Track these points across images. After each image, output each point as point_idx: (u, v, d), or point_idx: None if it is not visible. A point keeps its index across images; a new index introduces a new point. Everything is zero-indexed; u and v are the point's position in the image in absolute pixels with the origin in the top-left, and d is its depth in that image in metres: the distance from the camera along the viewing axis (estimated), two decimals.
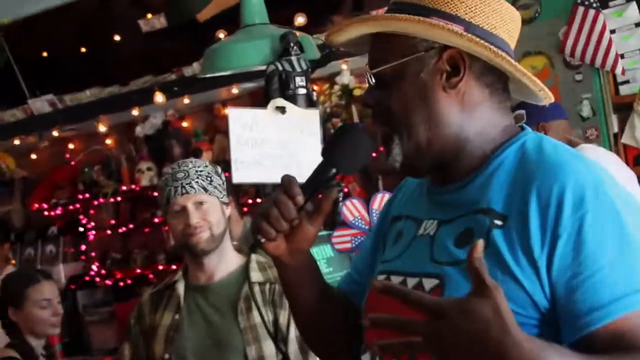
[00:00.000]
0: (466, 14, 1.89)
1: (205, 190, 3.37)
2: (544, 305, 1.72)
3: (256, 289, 3.39)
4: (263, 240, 1.93)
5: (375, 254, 2.14)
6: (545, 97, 1.99)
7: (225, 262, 3.49)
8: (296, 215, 1.92)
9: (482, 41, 1.86)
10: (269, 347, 3.33)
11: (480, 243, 1.51)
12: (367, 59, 2.01)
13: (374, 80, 1.94)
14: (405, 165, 1.93)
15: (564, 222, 1.71)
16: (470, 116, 1.91)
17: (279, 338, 3.34)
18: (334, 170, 1.95)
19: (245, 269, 3.43)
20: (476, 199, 1.86)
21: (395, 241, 2.05)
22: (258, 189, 6.82)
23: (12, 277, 4.51)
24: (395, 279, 1.93)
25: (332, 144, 1.99)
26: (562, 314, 1.70)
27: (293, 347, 3.32)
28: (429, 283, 1.84)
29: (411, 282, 1.88)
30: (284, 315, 3.35)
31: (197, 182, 3.35)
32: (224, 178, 3.50)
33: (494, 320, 1.48)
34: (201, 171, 3.39)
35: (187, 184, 3.34)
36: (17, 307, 4.18)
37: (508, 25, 1.95)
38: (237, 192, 7.01)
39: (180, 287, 3.49)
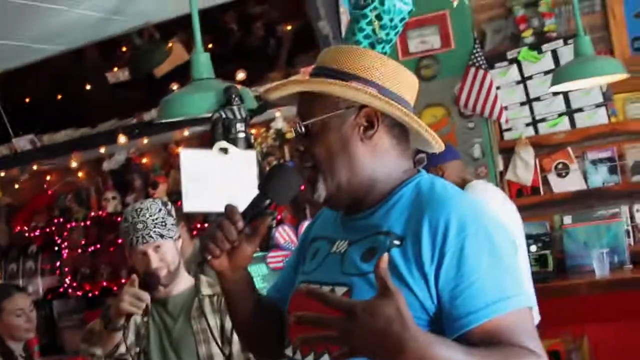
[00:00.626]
0: (379, 79, 1.96)
1: (162, 236, 3.39)
2: (431, 309, 1.80)
3: (206, 300, 3.42)
4: (209, 257, 1.96)
5: (296, 268, 2.17)
6: (438, 145, 2.06)
7: (181, 284, 3.52)
8: (237, 238, 1.96)
9: (393, 102, 1.93)
10: (215, 347, 3.34)
11: (386, 256, 1.59)
12: (296, 109, 2.05)
13: (303, 130, 1.97)
14: (327, 200, 1.98)
15: (449, 243, 1.79)
16: (381, 161, 1.98)
17: (224, 340, 3.35)
18: (268, 201, 1.99)
19: (196, 286, 3.47)
20: (379, 224, 1.92)
21: (313, 257, 2.09)
22: (205, 216, 6.77)
23: None
24: (339, 289, 1.95)
25: (267, 179, 2.02)
26: (446, 316, 1.78)
27: (236, 348, 3.33)
28: (339, 290, 1.89)
29: (325, 289, 1.91)
30: (229, 321, 3.33)
31: (154, 231, 3.36)
32: (174, 214, 3.53)
33: (395, 317, 1.55)
34: (156, 218, 3.41)
35: (146, 234, 3.35)
36: None
37: (411, 89, 2.04)
38: (188, 218, 6.95)
39: None
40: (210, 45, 7.53)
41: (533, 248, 5.97)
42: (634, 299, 5.48)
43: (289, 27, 7.91)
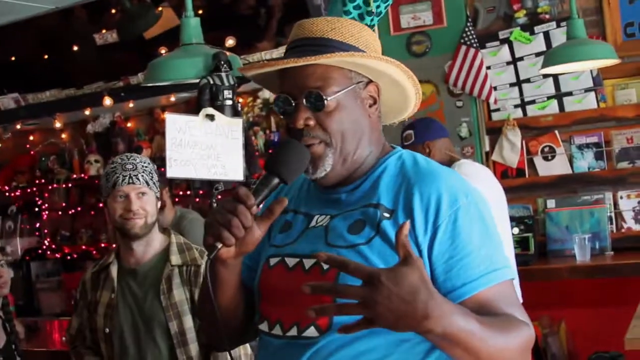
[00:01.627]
0: (375, 51, 2.00)
1: (147, 184, 3.34)
2: None
3: (175, 271, 3.34)
4: (220, 246, 1.79)
5: (262, 242, 1.96)
6: (416, 107, 2.11)
7: (151, 247, 3.42)
8: (252, 223, 1.82)
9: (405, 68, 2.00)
10: (188, 321, 3.29)
11: (407, 225, 1.62)
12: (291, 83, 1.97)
13: (325, 104, 1.90)
14: (326, 176, 1.94)
15: (442, 215, 1.83)
16: (376, 136, 2.00)
17: (195, 313, 3.29)
18: (276, 180, 1.86)
19: (167, 252, 3.38)
20: (366, 197, 1.92)
21: (283, 230, 2.03)
22: (188, 183, 6.74)
23: None
24: (291, 261, 1.94)
25: (276, 156, 1.90)
26: (439, 286, 1.78)
27: None
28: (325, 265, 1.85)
29: (308, 262, 1.90)
30: (197, 293, 3.29)
31: (142, 175, 3.31)
32: (159, 178, 3.48)
33: (421, 284, 1.57)
34: (146, 167, 3.37)
35: (134, 176, 3.29)
36: None
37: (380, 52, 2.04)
38: (171, 184, 6.92)
39: (114, 270, 3.43)
40: (200, 12, 7.47)
41: (515, 230, 5.96)
42: (614, 286, 5.50)
43: None
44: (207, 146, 3.98)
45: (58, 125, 8.84)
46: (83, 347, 3.53)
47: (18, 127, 9.05)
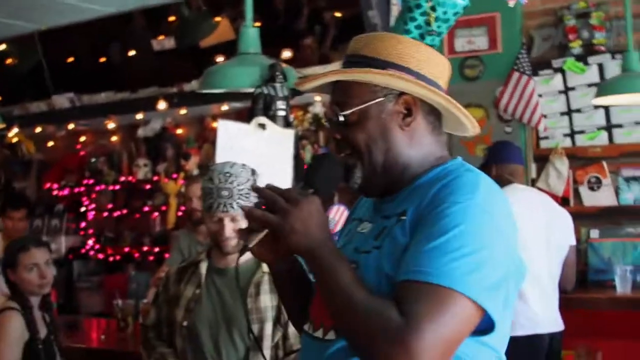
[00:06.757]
0: (415, 66, 1.97)
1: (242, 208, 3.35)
2: None
3: (265, 277, 3.36)
4: (251, 245, 1.91)
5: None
6: (474, 129, 2.08)
7: (243, 255, 3.45)
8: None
9: (433, 88, 1.96)
10: (268, 328, 3.31)
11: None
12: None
13: (342, 119, 1.97)
14: (362, 187, 2.00)
15: (432, 212, 1.82)
16: (416, 148, 1.99)
17: (281, 321, 3.33)
18: (311, 191, 1.92)
19: (258, 261, 3.34)
20: (400, 206, 1.93)
21: (345, 236, 2.13)
22: None
23: (10, 244, 4.50)
24: None
25: (313, 170, 1.98)
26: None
27: (292, 329, 3.29)
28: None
29: None
30: None
31: (237, 202, 3.26)
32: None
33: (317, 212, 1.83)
34: (242, 189, 3.30)
35: (228, 204, 3.27)
36: (13, 268, 4.18)
37: (445, 73, 2.05)
38: None
39: (204, 267, 3.46)
40: (257, 24, 7.55)
41: None
42: None
43: (337, 14, 7.93)
44: (256, 155, 4.03)
45: (110, 127, 8.97)
46: (156, 339, 3.58)
47: (70, 127, 9.20)
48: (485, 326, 1.78)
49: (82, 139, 9.69)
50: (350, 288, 1.77)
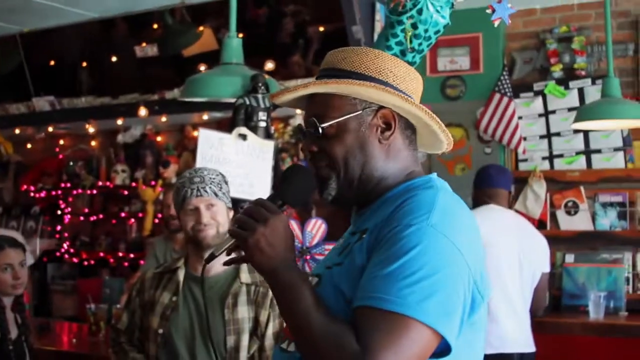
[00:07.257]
0: (393, 80, 1.99)
1: (216, 195, 3.35)
2: None
3: (243, 289, 3.36)
4: (217, 253, 1.98)
5: None
6: (449, 143, 2.09)
7: (222, 259, 3.43)
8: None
9: (414, 101, 1.98)
10: (245, 340, 3.30)
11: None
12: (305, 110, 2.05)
13: (320, 131, 1.96)
14: (336, 199, 1.99)
15: (389, 234, 1.81)
16: (392, 162, 2.00)
17: (258, 333, 3.32)
18: (280, 202, 1.95)
19: (237, 269, 3.40)
20: (366, 221, 1.95)
21: (334, 247, 2.13)
22: None
23: None
24: (312, 279, 1.99)
25: (284, 180, 2.00)
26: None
27: (269, 342, 3.30)
28: (313, 280, 1.95)
29: (313, 280, 1.97)
30: (263, 315, 3.33)
31: (210, 187, 3.34)
32: (229, 187, 3.48)
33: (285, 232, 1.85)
34: (213, 179, 3.38)
35: (202, 188, 3.32)
36: None
37: (418, 89, 2.07)
38: None
39: (181, 274, 3.45)
40: (240, 35, 7.55)
41: None
42: (626, 346, 5.48)
43: (321, 29, 7.93)
44: (236, 165, 4.03)
45: (89, 131, 8.94)
46: (128, 344, 3.56)
47: (50, 129, 9.15)
48: (442, 348, 1.77)
49: (61, 142, 9.66)
50: (308, 311, 1.77)
